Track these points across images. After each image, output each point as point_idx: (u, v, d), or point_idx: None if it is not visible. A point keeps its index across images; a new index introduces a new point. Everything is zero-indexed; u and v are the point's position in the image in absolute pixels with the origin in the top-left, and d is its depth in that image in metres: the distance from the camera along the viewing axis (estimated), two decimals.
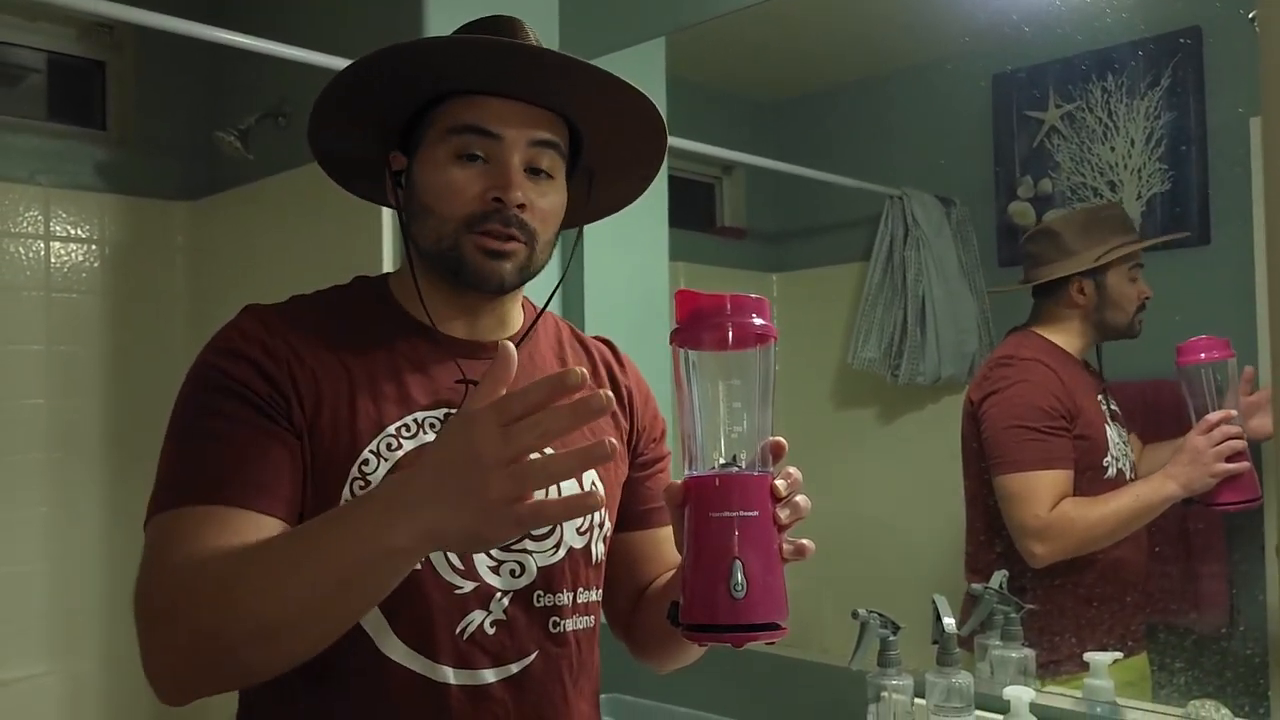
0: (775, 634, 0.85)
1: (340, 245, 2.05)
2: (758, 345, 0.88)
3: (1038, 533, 1.55)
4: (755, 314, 0.87)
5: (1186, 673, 1.46)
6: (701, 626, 0.85)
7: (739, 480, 0.86)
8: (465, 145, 1.02)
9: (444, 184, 1.02)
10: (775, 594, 0.85)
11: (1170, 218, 1.53)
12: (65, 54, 2.52)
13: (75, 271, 2.45)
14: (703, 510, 0.86)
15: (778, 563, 0.86)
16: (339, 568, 0.82)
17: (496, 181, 1.01)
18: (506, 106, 1.02)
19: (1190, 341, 1.46)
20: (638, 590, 1.17)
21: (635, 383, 1.21)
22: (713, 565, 0.84)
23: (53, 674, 2.30)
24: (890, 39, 1.91)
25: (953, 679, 1.34)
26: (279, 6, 2.38)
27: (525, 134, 1.02)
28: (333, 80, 1.04)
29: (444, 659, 1.00)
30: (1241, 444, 1.42)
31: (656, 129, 1.11)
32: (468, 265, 1.02)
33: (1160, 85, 1.52)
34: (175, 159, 2.61)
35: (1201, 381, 1.46)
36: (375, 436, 1.00)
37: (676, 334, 0.88)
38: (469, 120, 1.02)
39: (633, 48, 1.98)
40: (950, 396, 1.79)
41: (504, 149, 1.02)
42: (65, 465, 2.38)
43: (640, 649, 1.18)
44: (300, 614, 0.84)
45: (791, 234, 2.19)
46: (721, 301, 0.87)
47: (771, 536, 0.86)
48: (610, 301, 2.06)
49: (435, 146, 1.03)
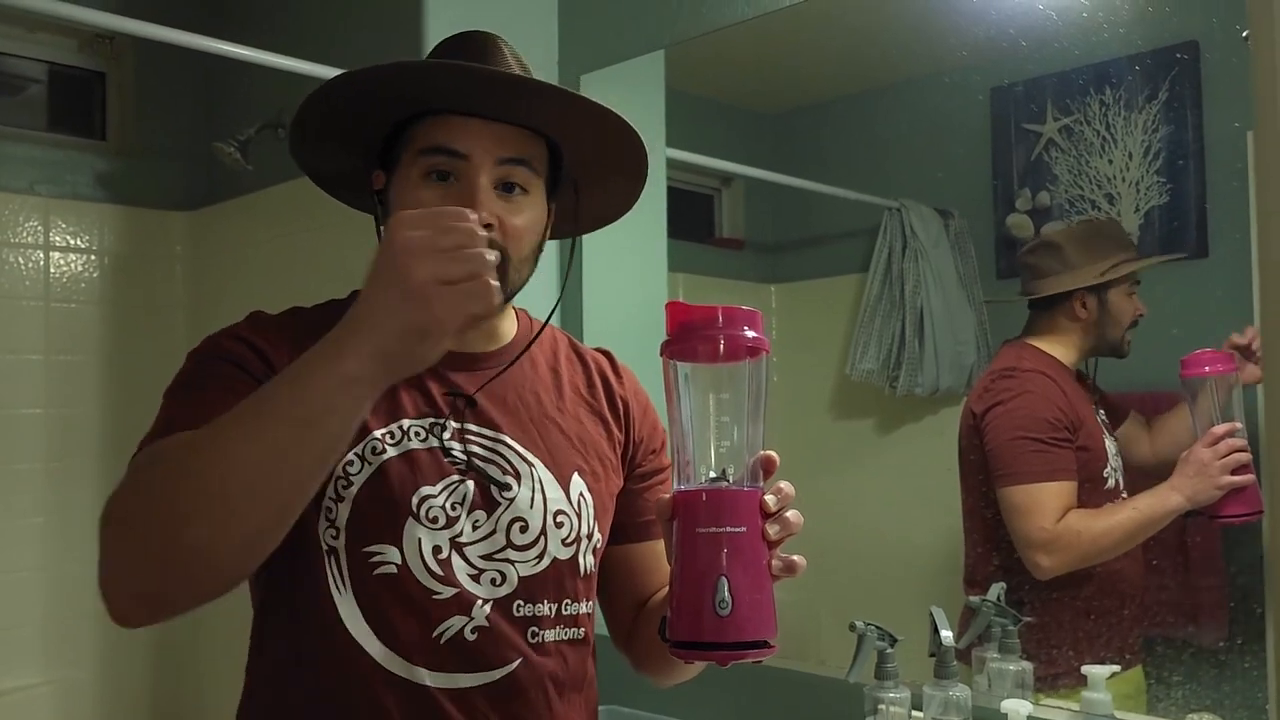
0: (762, 652, 0.83)
1: (338, 256, 2.05)
2: (749, 358, 0.87)
3: (1044, 545, 1.55)
4: (747, 326, 0.86)
5: (1184, 686, 1.46)
6: (687, 644, 0.84)
7: (727, 495, 0.85)
8: (434, 165, 1.03)
9: (413, 204, 1.02)
10: (763, 612, 0.83)
11: (1168, 231, 1.53)
12: (65, 65, 2.52)
13: (74, 281, 2.45)
14: (690, 525, 0.84)
15: (766, 580, 0.85)
16: (297, 410, 0.81)
17: (462, 201, 1.01)
18: (475, 126, 1.03)
19: (1194, 355, 1.46)
20: (639, 602, 1.17)
21: (633, 394, 1.21)
22: (698, 581, 0.83)
23: (48, 684, 2.29)
24: (888, 52, 1.92)
25: (950, 691, 1.34)
26: (278, 18, 2.39)
27: (493, 152, 1.03)
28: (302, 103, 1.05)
29: (419, 661, 1.00)
30: (1247, 456, 1.42)
31: (633, 142, 1.11)
32: None
33: (1158, 99, 1.53)
34: (174, 169, 2.62)
35: (1206, 394, 1.46)
36: (361, 441, 1.01)
37: (666, 346, 0.87)
38: (438, 141, 1.03)
39: (631, 60, 1.99)
40: (948, 408, 1.79)
41: (471, 168, 1.02)
42: (63, 474, 2.38)
43: (640, 662, 1.18)
44: (259, 472, 0.81)
45: (790, 245, 2.19)
46: (712, 313, 0.85)
47: (760, 553, 0.85)
48: (609, 313, 2.06)
49: (408, 167, 1.05)
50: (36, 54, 2.47)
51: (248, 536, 0.84)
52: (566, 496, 1.08)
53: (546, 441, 1.10)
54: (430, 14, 1.95)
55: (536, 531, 1.06)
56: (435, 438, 1.05)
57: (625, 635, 1.20)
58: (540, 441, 1.10)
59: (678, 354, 0.87)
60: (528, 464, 1.08)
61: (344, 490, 1.00)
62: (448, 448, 1.05)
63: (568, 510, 1.08)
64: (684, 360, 0.87)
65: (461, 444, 1.05)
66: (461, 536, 1.03)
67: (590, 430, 1.15)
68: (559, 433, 1.12)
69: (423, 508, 1.02)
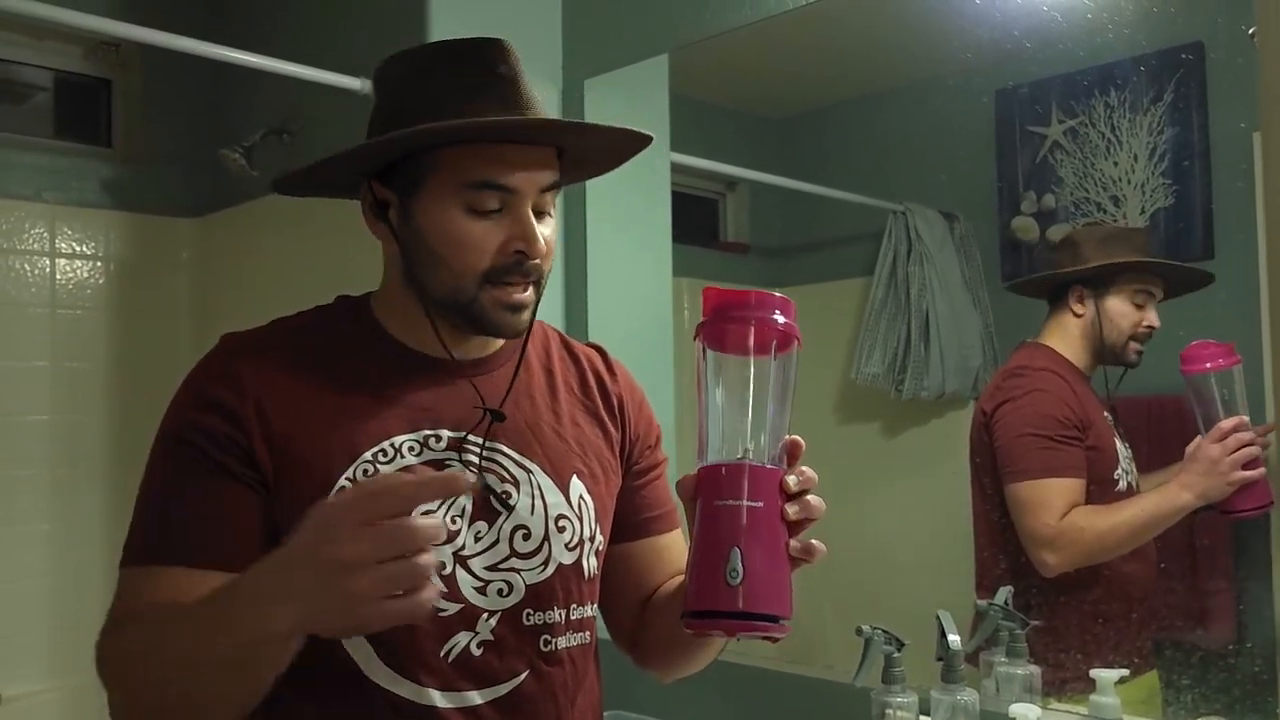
0: (773, 628, 0.83)
1: (344, 261, 2.05)
2: (780, 344, 0.88)
3: (1049, 541, 1.54)
4: (780, 312, 0.88)
5: (1193, 690, 1.45)
6: (699, 613, 0.84)
7: (747, 470, 0.86)
8: (482, 201, 1.00)
9: (461, 237, 1.00)
10: (778, 588, 0.84)
11: (1174, 232, 1.53)
12: (71, 72, 2.53)
13: (80, 288, 2.45)
14: (710, 498, 0.86)
15: (783, 558, 0.85)
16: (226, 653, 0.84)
17: (516, 233, 1.00)
18: (515, 154, 1.01)
19: (1194, 349, 1.45)
20: (641, 600, 1.17)
21: (627, 390, 1.21)
22: (713, 550, 0.84)
23: (53, 691, 2.30)
24: (892, 56, 1.92)
25: (958, 696, 1.34)
26: (283, 25, 2.40)
27: (536, 181, 1.02)
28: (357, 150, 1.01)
29: (430, 682, 0.99)
30: (1256, 450, 1.41)
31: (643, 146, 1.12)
32: (489, 318, 1.03)
33: (1163, 100, 1.52)
34: (180, 176, 2.62)
35: (1209, 389, 1.44)
36: (350, 464, 1.00)
37: (701, 328, 0.88)
38: (486, 176, 1.00)
39: (635, 65, 1.99)
40: (954, 411, 1.78)
41: (519, 200, 1.01)
42: (69, 481, 2.38)
43: (646, 656, 1.17)
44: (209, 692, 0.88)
45: (795, 249, 2.19)
46: (747, 298, 0.87)
47: (777, 531, 0.85)
48: (614, 316, 2.06)
49: (445, 197, 1.01)
50: (43, 61, 2.48)
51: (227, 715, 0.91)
52: (567, 500, 1.08)
53: (543, 445, 1.09)
54: (434, 21, 1.95)
55: (539, 538, 1.05)
56: (429, 450, 1.03)
57: (628, 633, 1.19)
58: (537, 446, 1.09)
59: (712, 336, 0.88)
60: (525, 470, 1.07)
61: None
62: (452, 460, 1.03)
63: (569, 514, 1.08)
64: (719, 343, 0.89)
65: (458, 454, 1.04)
66: (464, 550, 1.02)
67: (587, 432, 1.14)
68: (556, 436, 1.11)
69: None
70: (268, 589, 0.81)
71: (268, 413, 0.99)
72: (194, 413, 0.99)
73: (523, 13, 2.07)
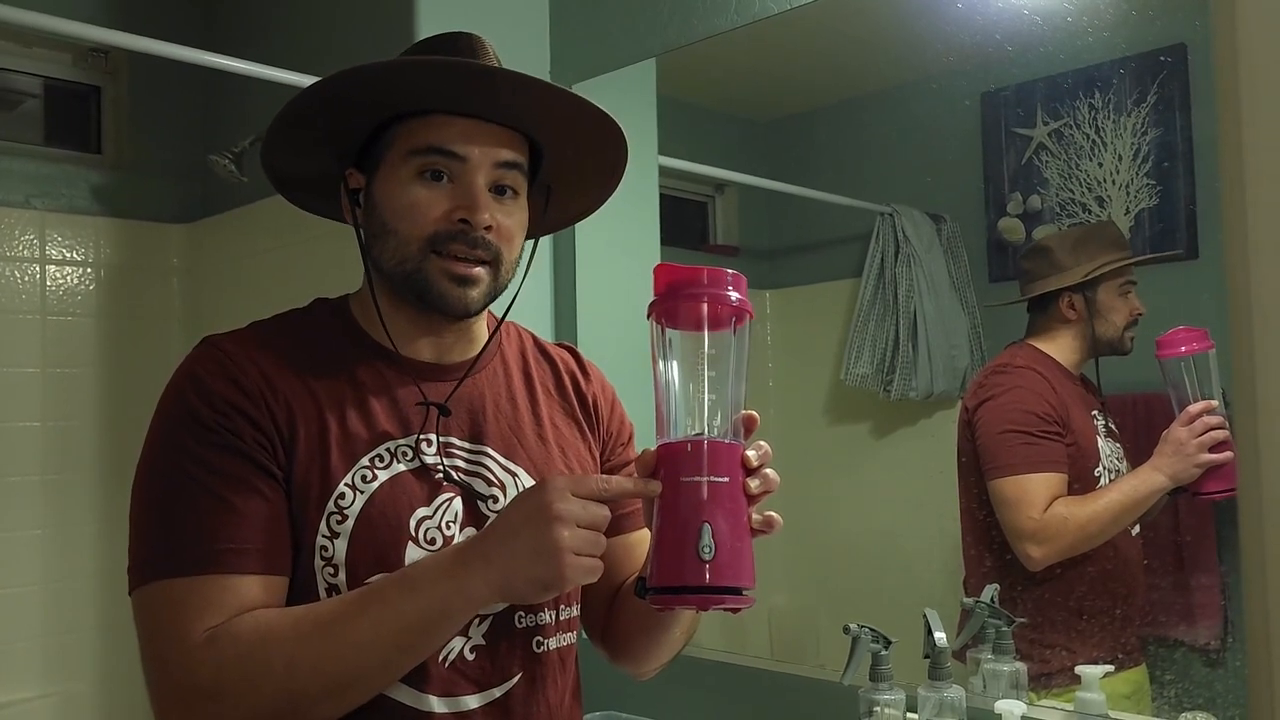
0: (740, 600, 0.85)
1: (334, 267, 2.05)
2: (734, 319, 0.89)
3: (1032, 534, 1.56)
4: (732, 288, 0.89)
5: (1177, 685, 1.46)
6: (668, 589, 0.85)
7: (711, 446, 0.87)
8: (429, 164, 1.00)
9: (407, 203, 1.01)
10: (743, 560, 0.86)
11: (1158, 232, 1.54)
12: (61, 79, 2.53)
13: (71, 294, 2.45)
14: (674, 475, 0.87)
15: (746, 531, 0.88)
16: (419, 620, 0.90)
17: (462, 202, 1.00)
18: (470, 126, 1.01)
19: (1169, 334, 1.47)
20: (610, 595, 1.17)
21: (600, 389, 1.22)
22: (682, 526, 0.85)
23: (47, 697, 2.29)
24: (878, 59, 1.93)
25: (945, 693, 1.35)
26: (272, 31, 2.40)
27: (490, 155, 1.02)
28: (288, 103, 1.03)
29: (430, 689, 0.99)
30: (1224, 434, 1.43)
31: (616, 139, 1.10)
32: (433, 290, 1.01)
33: (1146, 102, 1.53)
34: (170, 182, 2.62)
35: (1182, 373, 1.47)
36: (349, 469, 1.00)
37: (654, 306, 0.89)
38: (432, 141, 1.00)
39: (623, 69, 2.00)
40: (942, 411, 1.79)
41: (469, 169, 1.01)
42: (61, 487, 2.38)
43: (617, 650, 1.18)
44: (378, 667, 0.92)
45: (784, 251, 2.20)
46: (698, 274, 0.88)
47: (741, 504, 0.88)
48: (603, 321, 2.07)
49: (397, 166, 1.02)
50: (32, 69, 2.48)
51: (364, 698, 0.95)
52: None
53: (527, 449, 1.10)
54: (422, 26, 1.96)
55: None
56: (420, 456, 1.03)
57: (601, 628, 1.19)
58: (521, 450, 1.10)
59: (665, 314, 0.90)
60: (510, 474, 1.08)
61: (339, 525, 0.98)
62: (441, 466, 1.04)
63: None
64: (672, 320, 0.90)
65: (446, 459, 1.05)
66: None
67: (566, 434, 1.15)
68: (538, 439, 1.12)
69: (420, 529, 1.01)
70: (469, 554, 0.91)
71: (274, 412, 0.98)
72: (209, 411, 0.96)
73: (510, 17, 2.08)
